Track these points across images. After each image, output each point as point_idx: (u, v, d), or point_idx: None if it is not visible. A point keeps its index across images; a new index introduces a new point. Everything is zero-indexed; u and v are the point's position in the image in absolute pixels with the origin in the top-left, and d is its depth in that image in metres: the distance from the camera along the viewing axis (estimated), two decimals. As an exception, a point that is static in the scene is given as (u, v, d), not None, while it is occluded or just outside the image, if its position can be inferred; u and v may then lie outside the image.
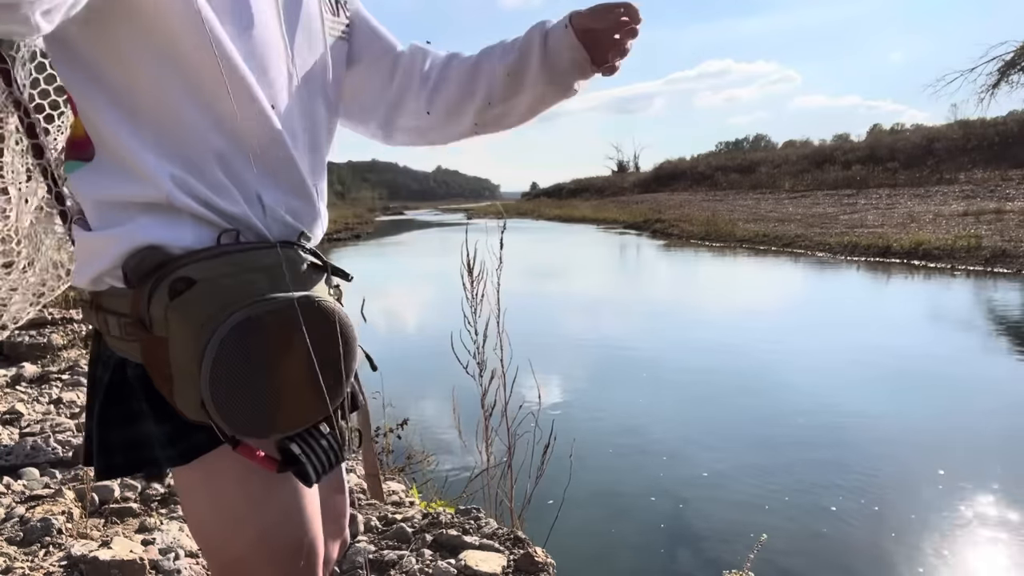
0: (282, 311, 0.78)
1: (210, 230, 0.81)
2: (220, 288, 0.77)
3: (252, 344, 0.76)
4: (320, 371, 0.81)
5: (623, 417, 4.99)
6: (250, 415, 0.78)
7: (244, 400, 0.77)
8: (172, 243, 0.79)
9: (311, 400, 0.82)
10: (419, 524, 2.45)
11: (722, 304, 10.22)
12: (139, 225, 0.79)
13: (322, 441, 0.85)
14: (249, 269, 0.79)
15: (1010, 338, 7.27)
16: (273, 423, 0.80)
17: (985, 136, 32.54)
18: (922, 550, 3.06)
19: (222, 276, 0.78)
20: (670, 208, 29.98)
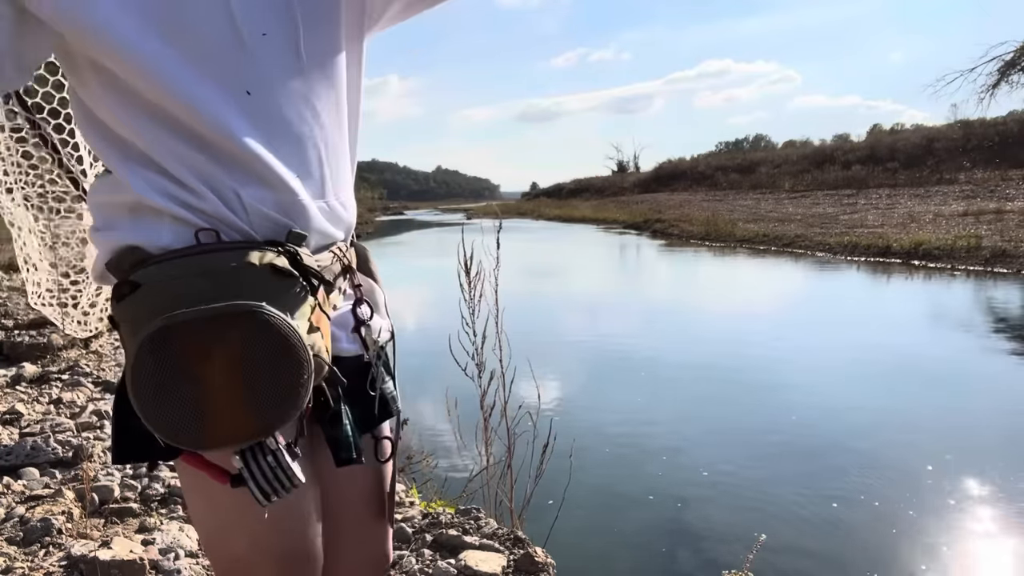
0: (200, 321, 0.73)
1: (188, 229, 0.81)
2: (156, 294, 0.77)
3: (167, 354, 0.73)
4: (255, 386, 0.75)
5: (623, 417, 4.99)
6: (175, 425, 0.74)
7: (167, 409, 0.74)
8: (150, 243, 0.81)
9: (244, 416, 0.75)
10: (419, 524, 2.45)
11: (722, 304, 10.22)
12: (123, 226, 0.83)
13: (267, 458, 0.78)
14: (196, 274, 0.77)
15: (1010, 338, 7.27)
16: (204, 436, 0.75)
17: (985, 136, 32.54)
18: (922, 549, 3.06)
19: (165, 281, 0.77)
20: (670, 208, 29.98)
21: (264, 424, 0.76)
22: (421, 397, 5.26)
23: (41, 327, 5.03)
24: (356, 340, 1.00)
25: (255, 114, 0.84)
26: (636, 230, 25.88)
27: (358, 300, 1.01)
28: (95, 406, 3.58)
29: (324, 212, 0.92)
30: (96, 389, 3.96)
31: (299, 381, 0.77)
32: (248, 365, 0.74)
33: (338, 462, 0.98)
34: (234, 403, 0.75)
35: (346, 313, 1.00)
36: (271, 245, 0.82)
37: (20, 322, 5.30)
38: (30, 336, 4.71)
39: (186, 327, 0.73)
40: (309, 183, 0.90)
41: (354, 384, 0.99)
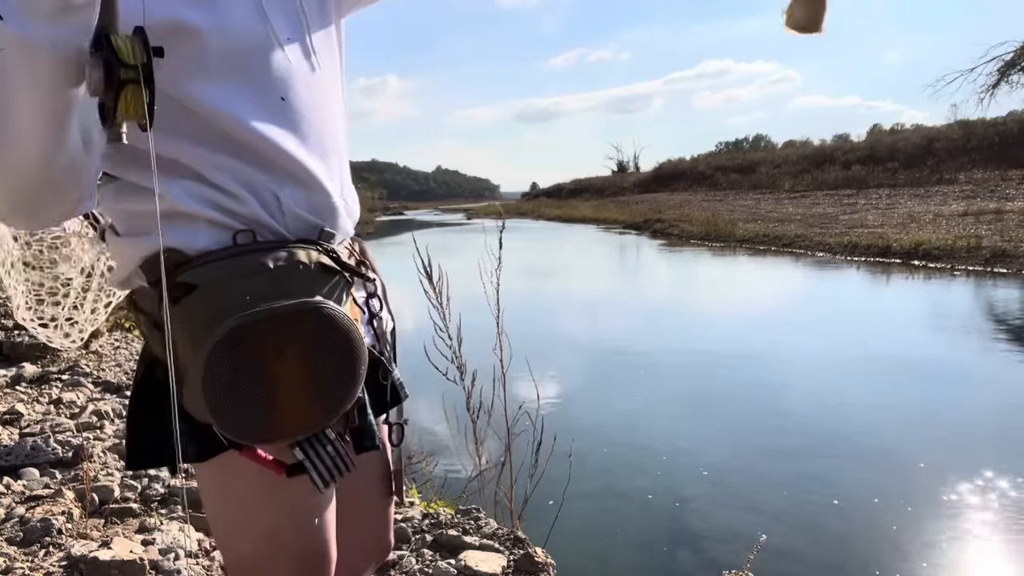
0: (274, 319, 0.76)
1: (225, 231, 0.82)
2: (217, 294, 0.78)
3: (242, 353, 0.75)
4: (323, 379, 0.79)
5: (623, 416, 4.99)
6: (246, 421, 0.77)
7: (240, 406, 0.76)
8: (187, 246, 0.81)
9: (312, 407, 0.80)
10: (419, 524, 2.45)
11: (721, 304, 10.22)
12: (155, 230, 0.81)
13: (328, 447, 0.83)
14: (250, 273, 0.79)
15: (1010, 337, 7.27)
16: (271, 430, 0.78)
17: (985, 136, 32.54)
18: (922, 549, 3.06)
19: (222, 281, 0.79)
20: (670, 208, 29.98)
21: (328, 413, 0.81)
22: (420, 397, 5.25)
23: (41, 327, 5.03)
24: (370, 332, 1.02)
25: (289, 119, 0.86)
26: (636, 230, 25.88)
27: (371, 294, 1.04)
28: (95, 406, 3.58)
29: (346, 209, 0.96)
30: (96, 389, 3.96)
31: (359, 370, 0.82)
32: (318, 359, 0.78)
33: (359, 449, 0.98)
34: (303, 396, 0.78)
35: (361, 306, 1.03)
36: (307, 243, 0.85)
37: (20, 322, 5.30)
38: (30, 336, 4.70)
39: (259, 326, 0.75)
40: (333, 182, 0.92)
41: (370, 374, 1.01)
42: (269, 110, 0.84)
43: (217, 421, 0.76)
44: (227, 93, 0.82)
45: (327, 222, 0.90)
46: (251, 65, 0.84)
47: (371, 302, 1.03)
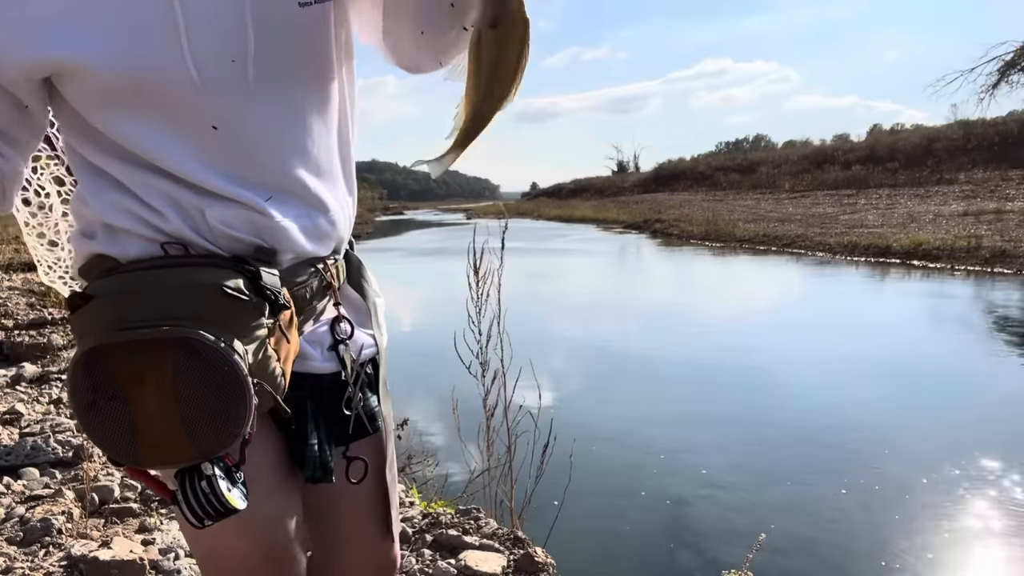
0: (133, 344, 0.73)
1: (154, 244, 0.83)
2: (98, 309, 0.78)
3: (100, 375, 0.74)
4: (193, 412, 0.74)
5: (623, 417, 4.99)
6: (114, 444, 0.75)
7: (105, 428, 0.75)
8: (120, 254, 0.83)
9: (181, 441, 0.75)
10: (419, 524, 2.45)
11: (721, 304, 10.22)
12: (98, 237, 0.86)
13: (201, 483, 0.77)
14: (143, 291, 0.78)
15: (1010, 337, 7.27)
16: (139, 456, 0.75)
17: (985, 136, 32.56)
18: (921, 548, 3.06)
19: (109, 296, 0.78)
20: (670, 208, 29.98)
21: (199, 450, 0.76)
22: (421, 397, 5.26)
23: (41, 327, 5.03)
24: (334, 358, 0.98)
25: (223, 146, 0.83)
26: (636, 230, 25.88)
27: (337, 318, 0.99)
28: (95, 406, 3.58)
29: (307, 230, 0.91)
30: (96, 389, 3.96)
31: (236, 409, 0.76)
32: (183, 391, 0.74)
33: (307, 479, 0.97)
34: (169, 427, 0.74)
35: (324, 330, 0.99)
36: (236, 263, 0.82)
37: (20, 322, 5.30)
38: (30, 336, 4.71)
39: (117, 349, 0.73)
40: (289, 203, 0.89)
41: (328, 400, 0.99)
42: (196, 142, 0.82)
43: (90, 436, 0.76)
44: (145, 130, 0.81)
45: (268, 241, 0.87)
46: (166, 94, 0.80)
47: (337, 327, 0.99)
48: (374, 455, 1.06)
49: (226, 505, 0.78)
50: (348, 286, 1.06)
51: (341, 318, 0.99)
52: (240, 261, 0.82)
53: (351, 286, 1.07)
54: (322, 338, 0.98)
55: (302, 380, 0.95)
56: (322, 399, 0.98)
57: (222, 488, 0.77)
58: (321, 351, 0.98)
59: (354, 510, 1.07)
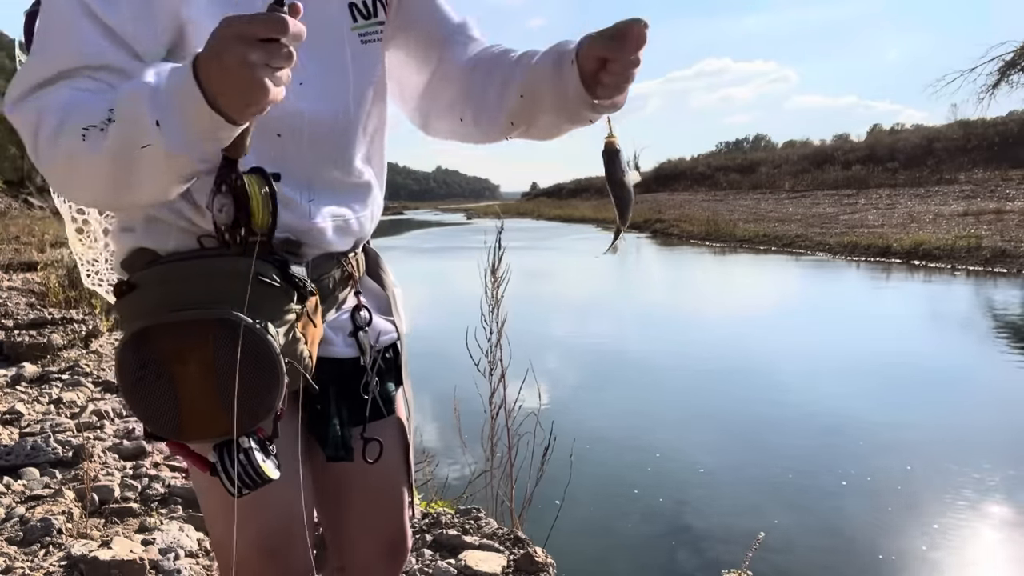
0: (177, 326, 0.80)
1: (192, 236, 0.90)
2: (147, 295, 0.85)
3: (146, 355, 0.80)
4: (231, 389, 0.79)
5: (623, 417, 4.99)
6: (157, 419, 0.81)
7: (149, 404, 0.81)
8: (159, 246, 0.90)
9: (221, 415, 0.80)
10: (419, 524, 2.45)
11: (721, 304, 10.22)
12: (139, 230, 0.92)
13: (240, 455, 0.83)
14: (185, 278, 0.85)
15: (1009, 337, 7.27)
16: (180, 430, 0.82)
17: (985, 136, 32.58)
18: (920, 547, 3.07)
19: (156, 283, 0.86)
20: (670, 208, 29.98)
21: (238, 423, 0.80)
22: (421, 397, 5.26)
23: (41, 327, 5.03)
24: (354, 344, 1.05)
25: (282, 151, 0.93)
26: (636, 230, 25.88)
27: (357, 306, 1.07)
28: (95, 406, 3.58)
29: (338, 229, 1.00)
30: (96, 389, 3.96)
31: (270, 386, 0.81)
32: (222, 369, 0.79)
33: (328, 458, 1.05)
34: (209, 403, 0.80)
35: (345, 318, 1.06)
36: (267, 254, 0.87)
37: (20, 322, 5.30)
38: (30, 336, 4.71)
39: (164, 330, 0.80)
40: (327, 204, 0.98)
41: (349, 385, 1.06)
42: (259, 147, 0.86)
43: (136, 414, 0.82)
44: None
45: (301, 237, 0.95)
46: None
47: (357, 315, 1.06)
48: (391, 438, 1.13)
49: (262, 475, 0.83)
50: (368, 277, 1.14)
51: (361, 306, 1.07)
52: (270, 252, 0.88)
53: (370, 277, 1.14)
54: (343, 325, 1.05)
55: (325, 365, 1.00)
56: (344, 383, 1.05)
57: (258, 459, 0.83)
58: (343, 337, 1.05)
59: (371, 490, 1.13)
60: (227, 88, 0.69)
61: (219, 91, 0.69)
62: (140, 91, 0.73)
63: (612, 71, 0.87)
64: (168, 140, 0.72)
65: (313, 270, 0.96)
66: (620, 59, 0.86)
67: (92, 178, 0.77)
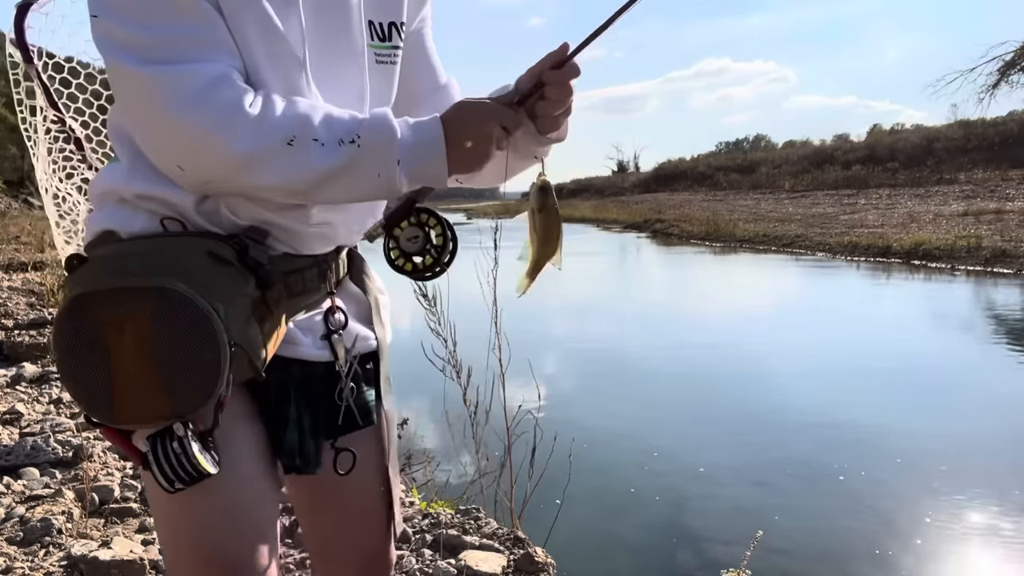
0: (115, 292, 0.77)
1: (155, 218, 0.87)
2: (93, 266, 0.82)
3: (81, 320, 0.76)
4: (167, 367, 0.75)
5: (622, 417, 4.99)
6: (91, 397, 0.77)
7: (83, 378, 0.76)
8: (123, 229, 0.87)
9: (155, 396, 0.76)
10: (419, 524, 2.45)
11: (721, 305, 10.22)
12: (106, 212, 0.90)
13: (173, 444, 0.77)
14: (132, 253, 0.83)
15: (1010, 337, 7.27)
16: (114, 410, 0.76)
17: (985, 136, 32.59)
18: (919, 547, 3.07)
19: (106, 257, 0.84)
20: (670, 208, 29.98)
21: (173, 407, 0.76)
22: (421, 397, 5.26)
23: (41, 327, 5.03)
24: (326, 347, 1.00)
25: None
26: (636, 230, 25.88)
27: (331, 308, 1.01)
28: (95, 406, 3.58)
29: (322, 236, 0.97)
30: (96, 389, 3.96)
31: (211, 365, 0.76)
32: (159, 343, 0.75)
33: (284, 468, 0.97)
34: (146, 382, 0.75)
35: (317, 319, 1.01)
36: (229, 237, 0.86)
37: (20, 322, 5.30)
38: (30, 336, 4.71)
39: (101, 297, 0.76)
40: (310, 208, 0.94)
41: (319, 390, 0.99)
42: None
43: (71, 392, 0.78)
44: None
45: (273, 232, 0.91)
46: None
47: (331, 317, 1.01)
48: (369, 449, 1.05)
49: (198, 468, 0.78)
50: (350, 281, 1.09)
51: (335, 308, 1.01)
52: (232, 236, 0.87)
53: (353, 281, 1.09)
54: (315, 326, 1.00)
55: (292, 366, 0.96)
56: (313, 388, 0.99)
57: (194, 450, 0.78)
58: (313, 339, 0.99)
59: (345, 504, 1.06)
60: (465, 152, 0.85)
61: (458, 152, 0.85)
62: (389, 131, 0.83)
63: (549, 96, 0.90)
64: (400, 177, 0.84)
65: (284, 263, 0.92)
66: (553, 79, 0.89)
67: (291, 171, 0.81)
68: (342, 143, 0.81)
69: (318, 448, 0.99)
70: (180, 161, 0.82)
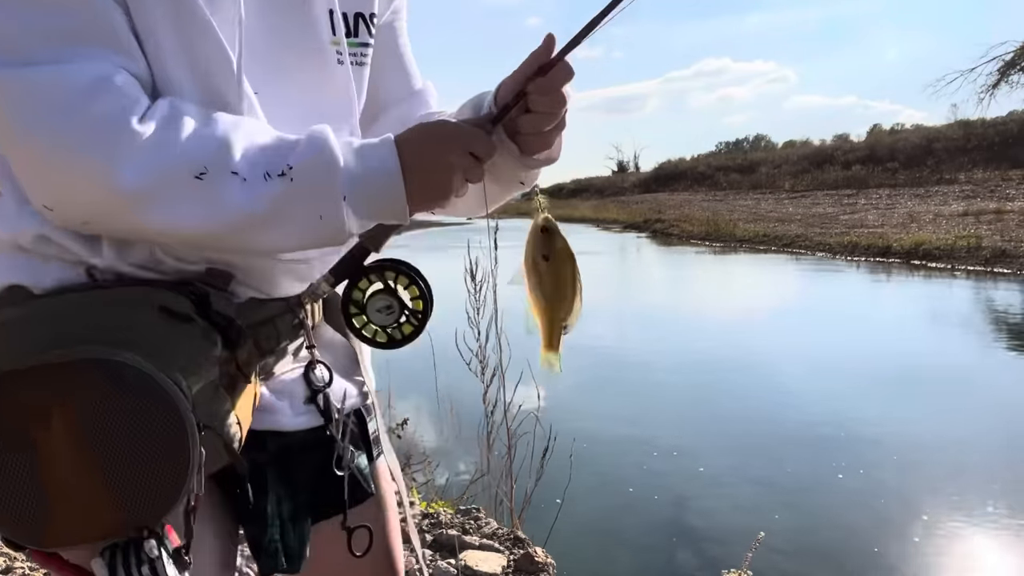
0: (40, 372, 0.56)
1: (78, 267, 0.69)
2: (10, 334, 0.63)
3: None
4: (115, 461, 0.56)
5: (622, 417, 4.99)
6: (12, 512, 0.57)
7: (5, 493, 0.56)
8: (34, 284, 0.68)
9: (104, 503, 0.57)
10: (419, 524, 2.45)
11: (721, 305, 10.22)
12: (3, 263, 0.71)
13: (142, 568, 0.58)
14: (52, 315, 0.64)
15: (1010, 338, 7.27)
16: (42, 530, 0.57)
17: (985, 136, 32.57)
18: (919, 547, 3.07)
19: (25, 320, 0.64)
20: (670, 208, 29.97)
21: (129, 517, 0.58)
22: (421, 397, 5.26)
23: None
24: (309, 411, 0.81)
25: None
26: (636, 230, 25.88)
27: (311, 363, 0.80)
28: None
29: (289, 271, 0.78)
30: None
31: (176, 458, 0.58)
32: (101, 435, 0.56)
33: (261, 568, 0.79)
34: (87, 487, 0.57)
35: (295, 378, 0.82)
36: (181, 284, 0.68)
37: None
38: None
39: (15, 378, 0.56)
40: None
41: (300, 463, 0.81)
42: None
43: None
44: None
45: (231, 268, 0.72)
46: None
47: (313, 374, 0.80)
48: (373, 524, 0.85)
49: None
50: (327, 325, 0.88)
51: (316, 363, 0.81)
52: (185, 283, 0.68)
53: (331, 326, 0.88)
54: (292, 388, 0.81)
55: (265, 440, 0.78)
56: (292, 462, 0.81)
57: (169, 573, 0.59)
58: (291, 403, 0.81)
59: None
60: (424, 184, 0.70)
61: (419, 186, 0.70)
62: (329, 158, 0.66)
63: (535, 108, 0.73)
64: (347, 217, 0.67)
65: (251, 311, 0.73)
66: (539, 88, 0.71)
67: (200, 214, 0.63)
68: (268, 177, 0.64)
69: (303, 539, 0.81)
70: (47, 197, 0.62)
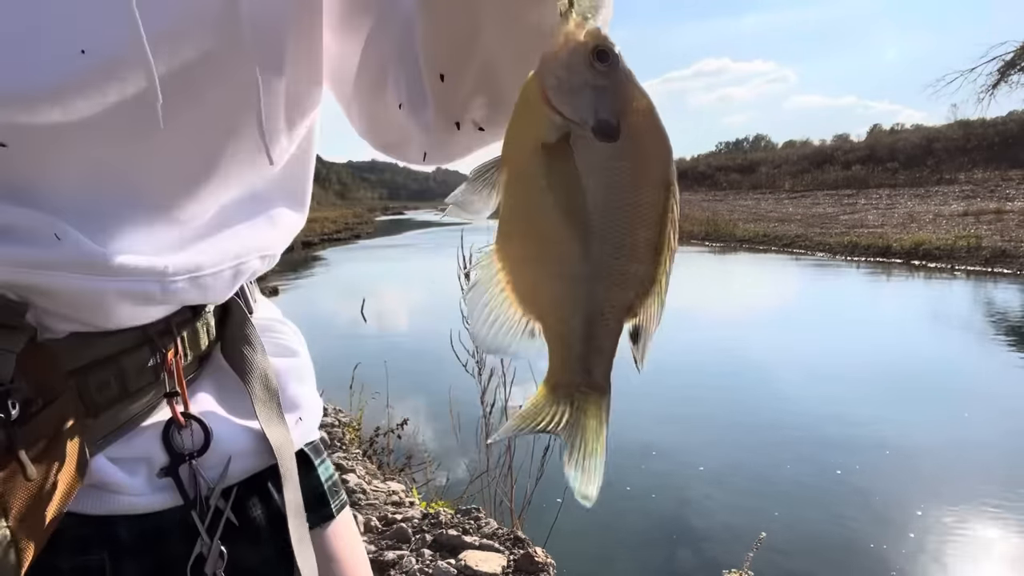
0: None
1: None
2: None
3: None
4: None
5: (622, 417, 4.98)
6: None
7: None
8: None
9: None
10: (419, 524, 2.45)
11: (721, 304, 10.22)
12: None
13: None
14: None
15: (1010, 338, 7.27)
16: None
17: (985, 136, 32.62)
18: (919, 547, 3.07)
19: None
20: (670, 208, 29.96)
21: None
22: (421, 398, 5.26)
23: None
24: (167, 487, 0.56)
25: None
26: (636, 230, 25.88)
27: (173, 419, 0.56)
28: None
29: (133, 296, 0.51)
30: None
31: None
32: None
33: None
34: None
35: (150, 441, 0.56)
36: None
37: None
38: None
39: None
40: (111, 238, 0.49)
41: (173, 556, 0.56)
42: None
43: None
44: None
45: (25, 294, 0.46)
46: None
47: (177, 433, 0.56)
48: None
49: None
50: (220, 356, 0.63)
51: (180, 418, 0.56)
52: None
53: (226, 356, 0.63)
54: (147, 452, 0.56)
55: (115, 527, 0.54)
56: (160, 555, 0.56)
57: None
58: (147, 474, 0.56)
59: None
60: None
61: None
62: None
63: None
64: None
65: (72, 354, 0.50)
66: None
67: None
68: None
69: None
70: None
